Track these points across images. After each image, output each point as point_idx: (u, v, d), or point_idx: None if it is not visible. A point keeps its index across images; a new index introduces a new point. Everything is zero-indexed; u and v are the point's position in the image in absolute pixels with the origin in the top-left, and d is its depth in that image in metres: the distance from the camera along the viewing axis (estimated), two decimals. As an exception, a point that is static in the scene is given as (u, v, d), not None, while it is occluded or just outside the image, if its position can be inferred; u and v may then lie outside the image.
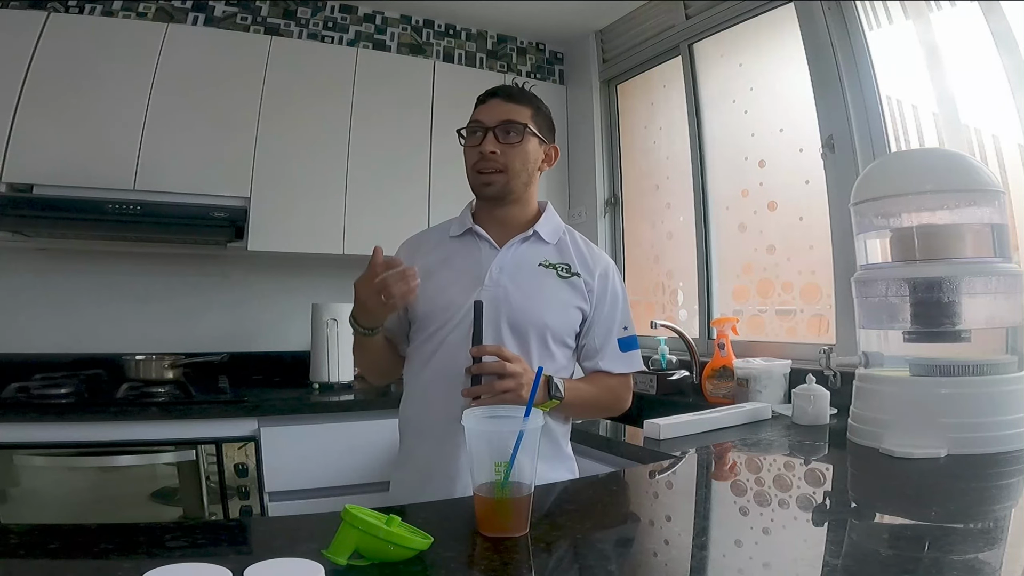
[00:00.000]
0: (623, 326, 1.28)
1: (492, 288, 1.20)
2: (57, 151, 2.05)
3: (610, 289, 1.27)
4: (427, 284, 1.19)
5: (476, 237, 1.26)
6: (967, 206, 1.32)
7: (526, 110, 1.24)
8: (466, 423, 0.83)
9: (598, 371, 1.26)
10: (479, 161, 1.21)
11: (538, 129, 1.25)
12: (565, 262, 1.26)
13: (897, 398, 1.31)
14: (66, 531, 0.82)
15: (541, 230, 1.27)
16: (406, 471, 1.25)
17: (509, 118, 1.22)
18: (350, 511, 0.71)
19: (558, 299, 1.22)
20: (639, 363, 1.29)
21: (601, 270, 1.27)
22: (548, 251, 1.26)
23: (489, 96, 1.26)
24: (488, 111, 1.23)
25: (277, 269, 2.62)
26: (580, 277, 1.24)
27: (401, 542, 0.71)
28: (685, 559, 0.80)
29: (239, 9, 2.58)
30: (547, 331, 1.21)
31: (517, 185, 1.24)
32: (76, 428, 1.78)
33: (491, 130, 1.21)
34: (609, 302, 1.26)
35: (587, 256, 1.28)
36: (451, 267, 1.24)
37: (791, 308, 2.18)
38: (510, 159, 1.21)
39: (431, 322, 1.22)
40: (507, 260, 1.23)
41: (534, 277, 1.23)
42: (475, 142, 1.23)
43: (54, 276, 2.33)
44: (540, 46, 3.17)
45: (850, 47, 1.93)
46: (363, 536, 0.70)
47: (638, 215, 2.86)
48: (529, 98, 1.27)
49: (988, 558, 0.76)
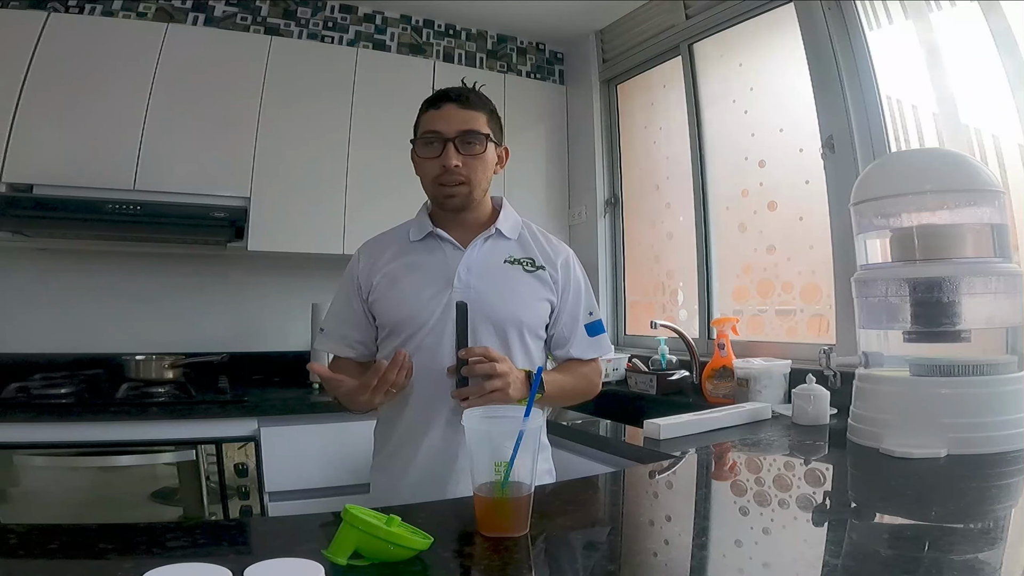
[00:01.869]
0: (588, 312, 1.30)
1: (462, 289, 1.19)
2: (57, 151, 2.05)
3: (573, 278, 1.29)
4: (395, 290, 1.21)
5: (438, 240, 1.25)
6: (967, 206, 1.32)
7: (482, 115, 1.22)
8: (466, 423, 0.83)
9: (570, 359, 1.29)
10: (442, 174, 1.18)
11: (494, 134, 1.23)
12: (529, 256, 1.26)
13: (897, 398, 1.31)
14: (66, 531, 0.82)
15: (502, 227, 1.26)
16: (387, 473, 1.24)
17: (469, 127, 1.19)
18: (350, 511, 0.71)
19: (528, 293, 1.23)
20: (608, 346, 1.33)
21: (562, 260, 1.28)
22: (511, 247, 1.26)
23: (442, 100, 1.21)
24: (444, 119, 1.19)
25: (277, 269, 2.62)
26: (545, 270, 1.25)
27: (401, 542, 0.71)
28: (685, 559, 0.80)
29: (239, 9, 2.58)
30: (522, 326, 1.22)
31: (479, 194, 1.23)
32: (76, 428, 1.78)
33: (451, 141, 1.17)
34: (573, 290, 1.28)
35: (548, 248, 1.29)
36: (417, 271, 1.23)
37: (791, 308, 2.18)
38: (472, 170, 1.19)
39: (404, 328, 1.20)
40: (473, 260, 1.22)
41: (502, 274, 1.23)
42: (433, 153, 1.19)
43: (54, 276, 2.33)
44: (540, 46, 3.17)
45: (850, 47, 1.93)
46: (363, 536, 0.70)
47: (638, 215, 2.86)
48: (484, 101, 1.24)
49: (988, 558, 0.76)
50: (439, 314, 1.18)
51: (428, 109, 1.23)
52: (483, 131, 1.20)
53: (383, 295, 1.23)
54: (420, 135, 1.22)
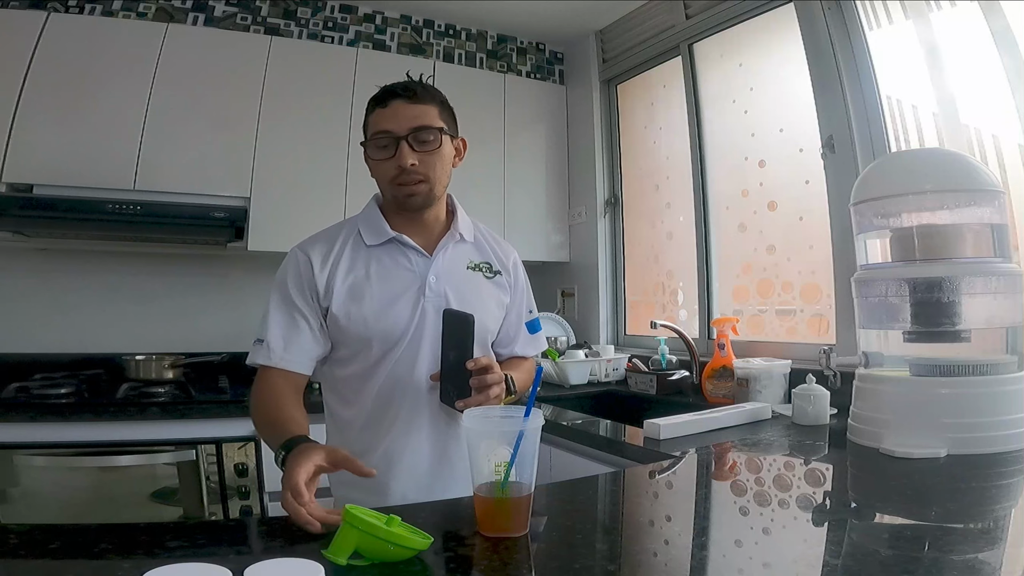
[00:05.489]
0: (528, 310, 1.32)
1: (434, 298, 1.16)
2: (57, 151, 2.05)
3: (520, 279, 1.30)
4: (363, 303, 1.13)
5: (400, 245, 1.18)
6: (967, 206, 1.32)
7: (433, 108, 1.15)
8: (466, 423, 0.83)
9: (514, 356, 1.30)
10: (399, 175, 1.12)
11: (448, 127, 1.17)
12: (486, 261, 1.25)
13: (897, 398, 1.31)
14: (66, 531, 0.82)
15: (462, 230, 1.23)
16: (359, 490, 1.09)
17: (421, 123, 1.12)
18: (350, 511, 0.71)
19: (491, 301, 1.23)
20: (544, 342, 1.36)
21: (512, 262, 1.29)
22: (470, 251, 1.25)
23: (389, 97, 1.14)
24: (394, 117, 1.12)
25: (277, 269, 2.61)
26: (501, 275, 1.26)
27: (401, 542, 0.72)
28: (685, 559, 0.80)
29: (239, 9, 2.58)
30: (488, 333, 1.22)
31: (440, 190, 1.18)
32: (76, 428, 1.78)
33: (403, 139, 1.11)
34: (520, 290, 1.29)
35: (499, 251, 1.28)
36: (383, 282, 1.16)
37: (791, 308, 2.18)
38: (429, 167, 1.13)
39: (377, 343, 1.14)
40: (441, 267, 1.18)
41: (468, 281, 1.21)
42: (387, 154, 1.13)
43: (54, 276, 2.33)
44: (540, 46, 3.17)
45: (850, 47, 1.93)
46: (363, 536, 0.70)
47: (638, 215, 2.86)
48: (432, 93, 1.18)
49: (988, 558, 0.76)
50: (415, 326, 1.14)
51: (375, 108, 1.16)
52: (436, 125, 1.14)
53: (348, 309, 1.14)
54: (371, 136, 1.15)
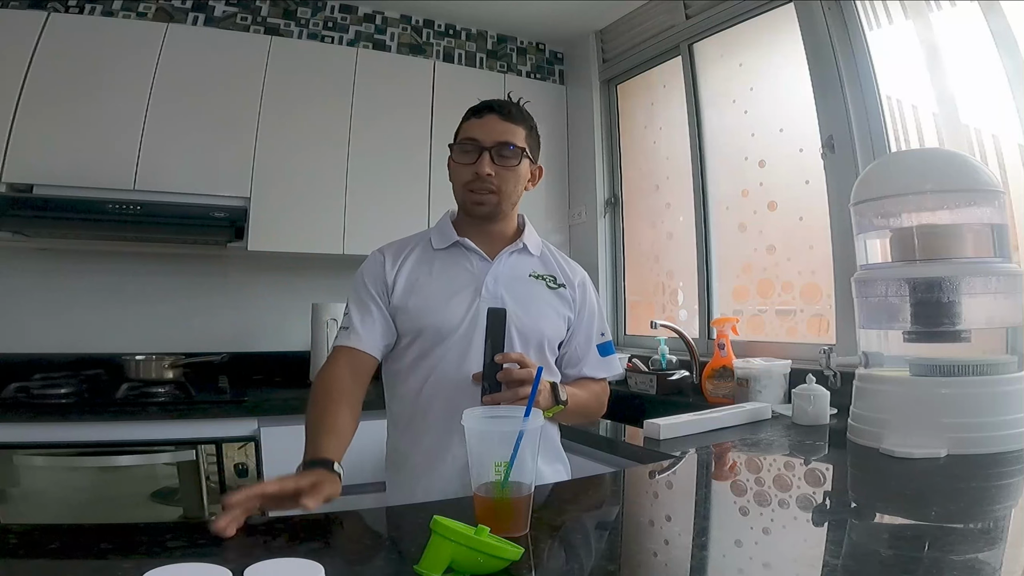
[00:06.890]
0: (600, 333, 1.33)
1: (489, 299, 1.20)
2: (57, 151, 2.05)
3: (588, 299, 1.31)
4: (419, 297, 1.20)
5: (464, 249, 1.25)
6: (967, 206, 1.32)
7: (521, 130, 1.22)
8: (466, 423, 0.83)
9: (582, 377, 1.31)
10: (473, 181, 1.19)
11: (530, 150, 1.25)
12: (551, 274, 1.28)
13: (897, 398, 1.31)
14: (66, 531, 0.82)
15: (528, 243, 1.28)
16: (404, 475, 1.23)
17: (507, 139, 1.19)
18: (440, 522, 0.67)
19: (550, 309, 1.25)
20: (618, 366, 1.35)
21: (579, 281, 1.31)
22: (534, 263, 1.29)
23: (485, 111, 1.22)
24: (484, 128, 1.20)
25: (277, 269, 2.62)
26: (565, 288, 1.28)
27: (495, 552, 0.68)
28: (685, 559, 0.80)
29: (239, 9, 2.58)
30: (544, 339, 1.23)
31: (507, 206, 1.24)
32: (76, 428, 1.78)
33: (487, 150, 1.18)
34: (588, 311, 1.30)
35: (567, 268, 1.32)
36: (442, 279, 1.22)
37: (791, 308, 2.18)
38: (504, 181, 1.20)
39: (429, 336, 1.19)
40: (501, 271, 1.23)
41: (528, 287, 1.24)
42: (469, 160, 1.20)
43: (54, 276, 2.33)
44: (540, 46, 3.17)
45: (850, 47, 1.93)
46: (458, 548, 0.67)
47: (638, 215, 2.86)
48: (525, 117, 1.25)
49: (988, 558, 0.76)
50: (467, 323, 1.18)
51: (470, 117, 1.24)
52: (520, 144, 1.21)
53: (407, 301, 1.20)
54: (458, 141, 1.23)
